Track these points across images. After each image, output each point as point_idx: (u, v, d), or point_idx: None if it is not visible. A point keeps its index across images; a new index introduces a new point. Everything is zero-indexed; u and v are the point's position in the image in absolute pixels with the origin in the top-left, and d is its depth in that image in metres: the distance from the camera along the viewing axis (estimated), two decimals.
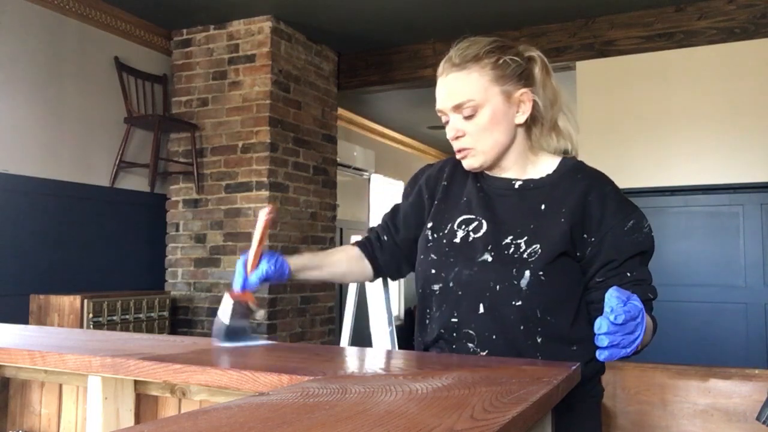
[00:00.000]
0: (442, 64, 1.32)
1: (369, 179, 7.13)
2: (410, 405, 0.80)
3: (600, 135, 4.22)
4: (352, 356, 1.29)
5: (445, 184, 1.41)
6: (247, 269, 1.34)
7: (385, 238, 1.51)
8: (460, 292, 1.29)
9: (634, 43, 4.17)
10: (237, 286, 1.34)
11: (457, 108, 1.29)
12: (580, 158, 1.40)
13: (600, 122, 4.24)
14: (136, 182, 4.25)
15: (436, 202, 1.40)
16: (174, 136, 4.46)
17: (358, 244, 1.55)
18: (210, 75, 4.37)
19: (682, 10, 4.07)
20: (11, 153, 3.50)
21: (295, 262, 1.41)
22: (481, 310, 1.26)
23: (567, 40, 4.35)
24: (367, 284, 2.37)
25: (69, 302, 3.44)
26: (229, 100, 4.28)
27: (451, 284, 1.30)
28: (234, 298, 1.33)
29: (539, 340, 1.25)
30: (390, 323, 2.36)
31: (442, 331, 1.31)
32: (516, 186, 1.34)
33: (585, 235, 1.26)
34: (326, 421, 0.71)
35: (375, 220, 7.20)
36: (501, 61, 1.28)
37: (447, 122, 1.33)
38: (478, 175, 1.39)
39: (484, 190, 1.36)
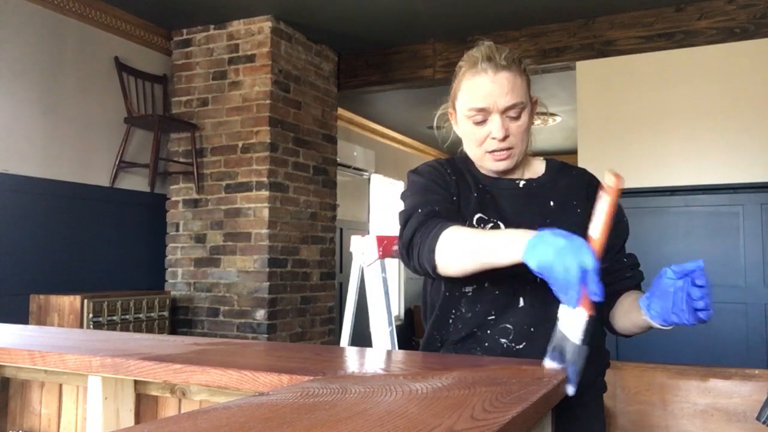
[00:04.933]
0: (482, 62, 1.29)
1: (369, 179, 7.13)
2: (410, 405, 0.80)
3: (600, 135, 4.22)
4: (352, 356, 1.29)
5: (454, 179, 1.37)
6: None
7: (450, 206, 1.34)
8: (497, 291, 1.29)
9: (634, 43, 4.17)
10: (593, 288, 0.96)
11: (510, 108, 1.29)
12: (580, 158, 1.46)
13: (600, 122, 4.24)
14: (136, 182, 4.25)
15: (455, 198, 1.34)
16: (174, 136, 4.46)
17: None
18: (210, 75, 4.37)
19: (682, 10, 4.07)
20: (11, 153, 3.50)
21: None
22: (521, 303, 1.27)
23: (567, 40, 4.35)
24: (367, 284, 2.37)
25: (69, 302, 3.44)
26: (229, 100, 4.28)
27: (486, 284, 1.29)
28: (586, 309, 0.99)
29: None
30: (390, 323, 2.36)
31: (476, 329, 1.31)
32: (521, 185, 1.38)
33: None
34: (326, 421, 0.71)
35: (375, 220, 7.20)
36: (528, 69, 1.36)
37: (481, 121, 1.30)
38: (478, 178, 1.38)
39: (489, 191, 1.36)
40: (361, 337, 2.43)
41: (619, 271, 1.34)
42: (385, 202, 7.55)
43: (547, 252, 0.98)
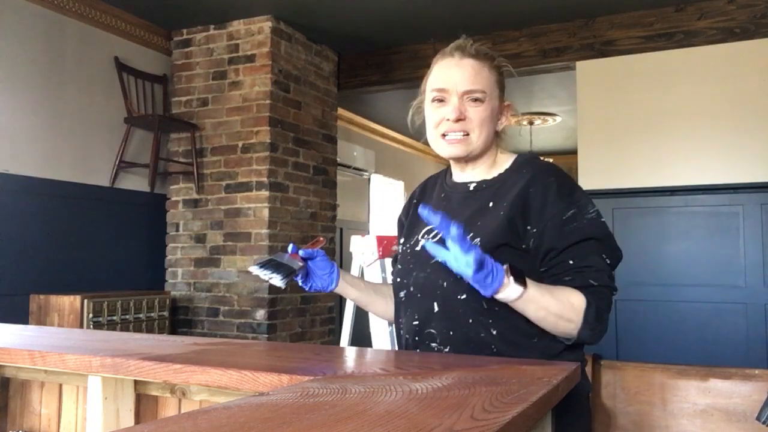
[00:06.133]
0: (452, 49, 1.35)
1: (369, 179, 7.13)
2: (410, 405, 0.80)
3: (600, 135, 4.22)
4: (352, 356, 1.29)
5: (414, 203, 1.51)
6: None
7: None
8: (419, 295, 1.34)
9: (634, 43, 4.17)
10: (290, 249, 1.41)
11: (469, 93, 1.32)
12: (580, 158, 1.45)
13: (600, 122, 4.24)
14: (136, 182, 4.25)
15: (407, 221, 1.50)
16: (174, 136, 4.46)
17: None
18: (210, 75, 4.37)
19: (682, 10, 4.07)
20: (11, 153, 3.50)
21: (347, 274, 1.50)
22: (436, 308, 1.31)
23: (567, 40, 4.34)
24: None
25: (69, 302, 3.44)
26: (229, 100, 4.28)
27: (411, 288, 1.36)
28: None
29: (494, 332, 1.27)
30: (390, 323, 2.36)
31: (408, 336, 1.37)
32: (471, 188, 1.40)
33: (528, 227, 1.28)
34: (326, 421, 0.71)
35: (375, 220, 7.20)
36: (503, 70, 1.37)
37: (441, 99, 1.35)
38: (444, 185, 1.46)
39: (448, 196, 1.43)
40: (361, 337, 2.43)
41: (557, 275, 1.25)
42: (385, 202, 7.55)
43: None
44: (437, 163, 8.59)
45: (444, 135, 1.35)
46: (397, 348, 2.24)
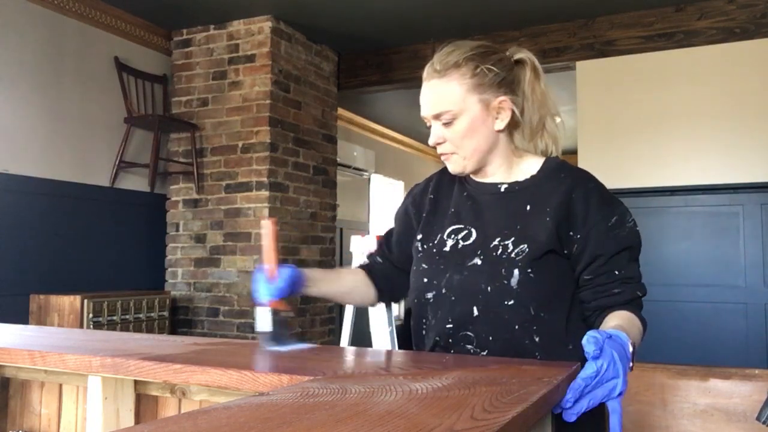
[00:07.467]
0: (426, 68, 1.33)
1: (369, 179, 7.13)
2: (410, 405, 0.80)
3: (600, 135, 4.22)
4: (352, 356, 1.29)
5: (431, 197, 1.44)
6: (268, 279, 1.30)
7: (380, 260, 1.54)
8: (453, 297, 1.30)
9: (634, 43, 4.17)
10: (268, 296, 1.29)
11: (437, 117, 1.31)
12: (580, 158, 1.42)
13: (600, 122, 4.24)
14: (136, 182, 4.25)
15: (424, 215, 1.43)
16: (174, 136, 4.46)
17: (361, 267, 1.56)
18: (210, 75, 4.37)
19: (682, 10, 4.07)
20: (11, 153, 3.50)
21: (309, 274, 1.40)
22: (476, 312, 1.27)
23: (567, 40, 4.35)
24: None
25: (69, 302, 3.44)
26: (229, 100, 4.28)
27: (444, 290, 1.32)
28: (270, 306, 1.30)
29: (537, 339, 1.26)
30: (390, 323, 2.37)
31: (438, 338, 1.32)
32: (502, 189, 1.35)
33: (571, 233, 1.28)
34: (326, 421, 0.71)
35: (375, 220, 7.20)
36: (479, 70, 1.29)
37: (430, 126, 1.36)
38: (465, 183, 1.41)
39: (472, 196, 1.38)
40: (361, 337, 2.43)
41: (605, 285, 1.27)
42: (385, 202, 7.55)
43: None
44: (437, 163, 8.57)
45: (441, 155, 1.37)
46: (397, 348, 2.23)
